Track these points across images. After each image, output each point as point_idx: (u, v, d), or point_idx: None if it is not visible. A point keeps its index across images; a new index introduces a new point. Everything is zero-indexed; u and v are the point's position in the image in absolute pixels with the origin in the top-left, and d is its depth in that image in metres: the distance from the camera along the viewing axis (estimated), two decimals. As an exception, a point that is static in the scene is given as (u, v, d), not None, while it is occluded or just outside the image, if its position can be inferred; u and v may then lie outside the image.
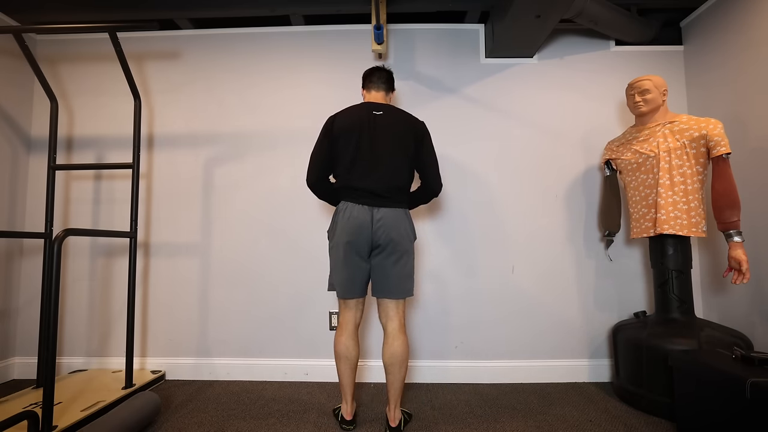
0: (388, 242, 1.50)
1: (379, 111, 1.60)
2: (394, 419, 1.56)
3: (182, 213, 2.28)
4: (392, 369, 1.53)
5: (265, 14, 2.17)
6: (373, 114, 1.59)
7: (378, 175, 1.53)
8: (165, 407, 1.83)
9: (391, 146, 1.56)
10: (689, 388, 1.49)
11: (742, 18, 1.96)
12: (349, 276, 1.53)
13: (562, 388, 2.04)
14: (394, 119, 1.59)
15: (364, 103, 1.64)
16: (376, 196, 1.53)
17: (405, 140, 1.58)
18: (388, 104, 1.65)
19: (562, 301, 2.19)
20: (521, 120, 2.28)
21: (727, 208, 1.66)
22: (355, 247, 1.51)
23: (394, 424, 1.56)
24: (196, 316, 2.23)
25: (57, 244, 1.41)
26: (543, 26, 1.99)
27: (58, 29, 1.81)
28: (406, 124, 1.60)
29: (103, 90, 2.36)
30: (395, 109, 1.63)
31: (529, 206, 2.23)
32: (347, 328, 1.58)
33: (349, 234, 1.50)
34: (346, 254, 1.52)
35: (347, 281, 1.54)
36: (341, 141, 1.57)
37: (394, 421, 1.56)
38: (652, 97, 1.84)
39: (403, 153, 1.57)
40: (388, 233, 1.50)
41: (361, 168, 1.54)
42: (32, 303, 2.28)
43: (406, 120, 1.61)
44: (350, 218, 1.51)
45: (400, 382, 1.54)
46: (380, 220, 1.51)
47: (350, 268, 1.53)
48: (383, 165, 1.54)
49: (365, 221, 1.50)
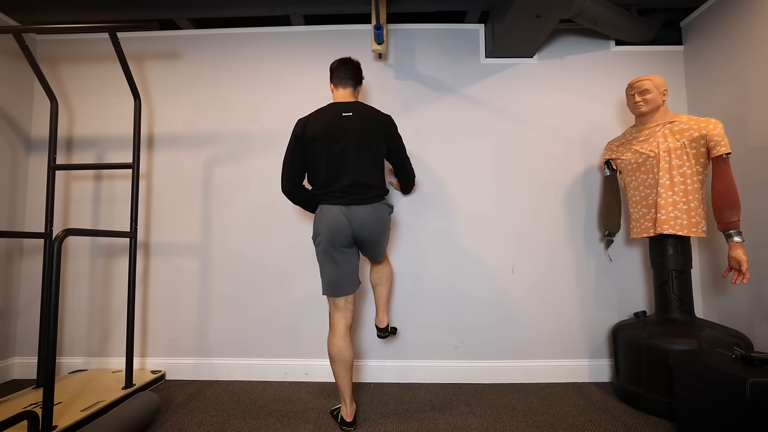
0: (369, 241, 1.64)
1: (349, 112, 1.63)
2: (382, 322, 1.88)
3: (182, 213, 2.28)
4: (379, 283, 1.85)
5: (264, 14, 2.17)
6: (343, 116, 1.62)
7: (350, 177, 1.58)
8: (165, 407, 1.83)
9: (362, 147, 1.60)
10: (689, 388, 1.49)
11: (742, 18, 1.96)
12: (338, 273, 1.61)
13: (562, 388, 2.04)
14: (364, 119, 1.63)
15: (332, 104, 1.67)
16: (348, 195, 1.59)
17: (376, 139, 1.64)
18: (356, 102, 1.68)
19: (562, 301, 2.19)
20: (521, 120, 2.28)
21: (727, 208, 1.66)
22: (336, 245, 1.59)
23: (382, 326, 1.88)
24: (196, 316, 2.23)
25: (57, 244, 1.41)
26: (543, 26, 1.99)
27: (58, 29, 1.81)
28: (376, 123, 1.65)
29: (102, 90, 2.36)
30: (363, 107, 1.66)
31: (528, 206, 2.23)
32: (338, 330, 1.62)
33: (330, 233, 1.57)
34: (330, 253, 1.60)
35: (336, 279, 1.61)
36: (314, 147, 1.61)
37: (382, 323, 1.88)
38: (652, 97, 1.84)
39: (374, 152, 1.64)
40: (366, 235, 1.61)
41: (334, 171, 1.59)
42: (32, 303, 2.28)
43: (375, 118, 1.66)
44: (329, 219, 1.58)
45: (386, 292, 1.87)
46: (357, 221, 1.58)
47: (336, 265, 1.61)
48: (355, 166, 1.59)
49: (342, 221, 1.57)
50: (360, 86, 1.77)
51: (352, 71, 1.71)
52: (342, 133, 1.59)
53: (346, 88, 1.71)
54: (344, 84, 1.70)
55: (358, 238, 1.61)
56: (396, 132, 1.72)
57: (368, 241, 1.63)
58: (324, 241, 1.59)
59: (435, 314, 2.19)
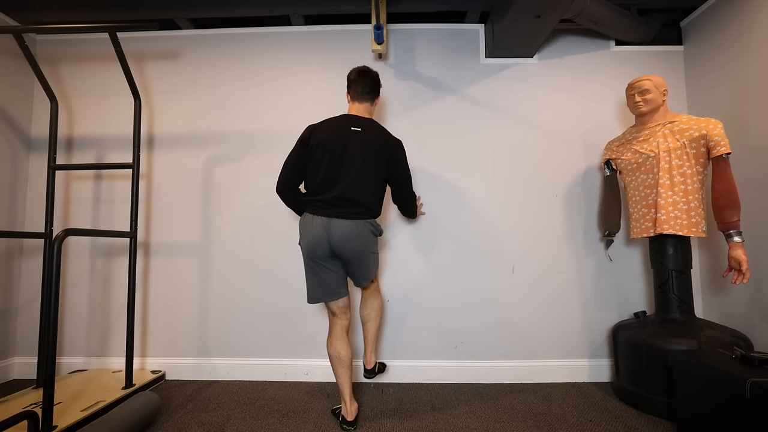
0: (346, 257, 1.60)
1: (358, 128, 1.61)
2: (369, 362, 1.84)
3: (182, 213, 2.28)
4: (368, 320, 1.82)
5: (264, 14, 2.17)
6: (351, 130, 1.60)
7: (340, 189, 1.56)
8: (165, 407, 1.83)
9: (362, 166, 1.58)
10: (689, 388, 1.49)
11: (742, 18, 1.96)
12: (319, 281, 1.62)
13: (562, 388, 2.04)
14: (371, 138, 1.60)
15: (344, 116, 1.66)
16: (333, 208, 1.57)
17: (378, 161, 1.60)
18: (369, 119, 1.66)
19: (562, 301, 2.19)
20: (521, 120, 2.28)
21: (727, 208, 1.66)
22: (315, 255, 1.59)
23: (369, 366, 1.84)
24: (196, 316, 2.23)
25: (57, 244, 1.41)
26: (543, 26, 1.99)
27: (58, 29, 1.81)
28: (382, 145, 1.62)
29: (103, 90, 2.36)
30: (373, 126, 1.64)
31: (528, 206, 2.23)
32: (335, 332, 1.65)
33: (310, 243, 1.57)
34: (310, 265, 1.62)
35: (318, 286, 1.62)
36: (315, 155, 1.60)
37: (369, 363, 1.84)
38: (652, 97, 1.84)
39: (374, 173, 1.61)
40: (344, 250, 1.57)
41: (328, 183, 1.58)
42: (32, 303, 2.28)
43: (382, 140, 1.62)
44: (309, 231, 1.58)
45: (375, 330, 1.83)
46: (336, 234, 1.55)
47: (317, 274, 1.61)
48: (349, 181, 1.57)
49: (321, 234, 1.55)
50: (378, 98, 1.75)
51: (370, 85, 1.69)
52: (345, 146, 1.57)
53: (362, 102, 1.70)
54: (360, 99, 1.69)
55: (337, 252, 1.57)
56: (401, 158, 1.67)
57: (347, 257, 1.59)
58: (304, 251, 1.60)
59: (435, 314, 2.19)
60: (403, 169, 1.69)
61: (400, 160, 1.67)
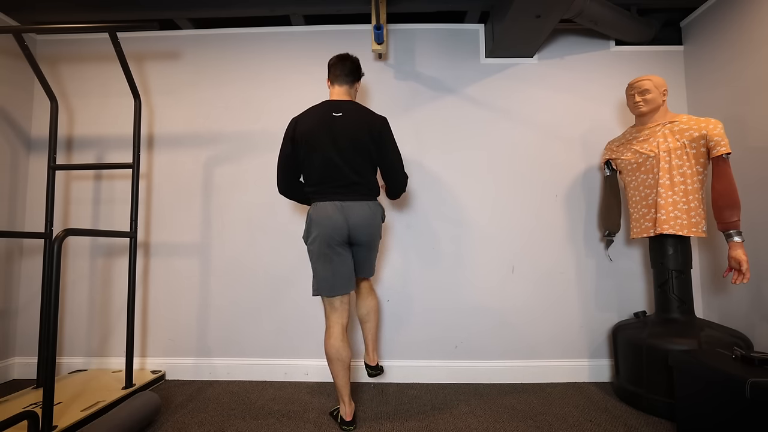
0: (363, 241, 1.62)
1: (339, 112, 1.60)
2: (372, 360, 1.85)
3: (182, 213, 2.28)
4: (368, 319, 1.82)
5: (264, 14, 2.17)
6: (333, 116, 1.59)
7: (340, 176, 1.57)
8: (165, 407, 1.83)
9: (349, 148, 1.57)
10: (689, 388, 1.49)
11: (742, 18, 1.96)
12: (332, 273, 1.58)
13: (562, 388, 2.04)
14: (353, 121, 1.59)
15: (325, 102, 1.65)
16: (343, 194, 1.58)
17: (363, 142, 1.59)
18: (349, 101, 1.65)
19: (562, 301, 2.19)
20: (521, 120, 2.28)
21: (727, 208, 1.66)
22: (332, 241, 1.56)
23: (373, 364, 1.85)
24: (196, 316, 2.23)
25: (57, 244, 1.41)
26: (543, 26, 1.99)
27: (58, 29, 1.81)
28: (364, 125, 1.60)
29: (103, 90, 2.36)
30: (354, 107, 1.63)
31: (528, 206, 2.23)
32: (335, 330, 1.61)
33: (326, 231, 1.55)
34: (324, 252, 1.57)
35: (331, 276, 1.58)
36: (304, 147, 1.60)
37: (373, 361, 1.85)
38: (652, 97, 1.84)
39: (362, 154, 1.60)
40: (361, 235, 1.59)
41: (323, 172, 1.58)
42: (32, 303, 2.28)
43: (364, 120, 1.61)
44: (324, 216, 1.56)
45: (375, 328, 1.84)
46: (354, 218, 1.56)
47: (331, 264, 1.58)
48: (344, 167, 1.57)
49: (338, 218, 1.55)
50: (358, 82, 1.73)
51: (349, 68, 1.68)
52: (329, 134, 1.57)
53: (342, 86, 1.68)
54: (340, 82, 1.68)
55: (353, 237, 1.59)
56: (385, 135, 1.64)
57: (362, 242, 1.61)
58: (319, 239, 1.56)
59: (435, 314, 2.19)
60: (388, 146, 1.65)
61: (383, 138, 1.64)
